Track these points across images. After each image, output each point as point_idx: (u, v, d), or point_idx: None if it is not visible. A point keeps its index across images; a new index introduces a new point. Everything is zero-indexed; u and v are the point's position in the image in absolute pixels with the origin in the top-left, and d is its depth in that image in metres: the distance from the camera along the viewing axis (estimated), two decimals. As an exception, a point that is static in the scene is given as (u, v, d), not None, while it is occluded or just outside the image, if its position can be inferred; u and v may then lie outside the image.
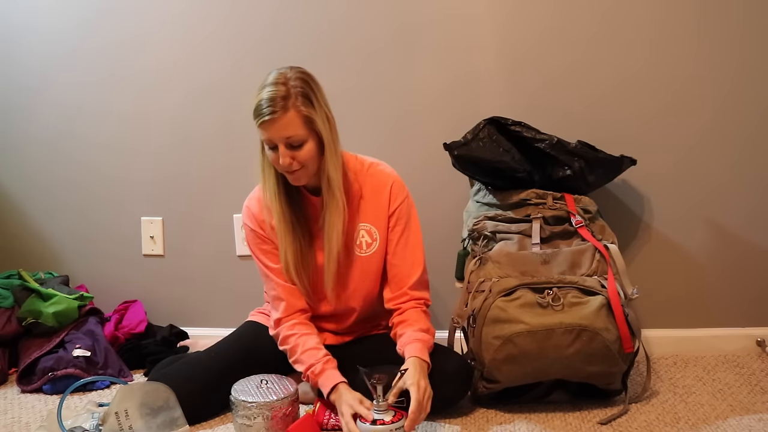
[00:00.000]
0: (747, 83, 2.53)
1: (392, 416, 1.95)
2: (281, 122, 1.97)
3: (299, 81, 2.00)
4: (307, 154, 2.02)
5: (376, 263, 2.20)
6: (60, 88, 2.77)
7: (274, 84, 1.98)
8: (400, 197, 2.19)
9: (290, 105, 1.97)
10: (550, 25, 2.57)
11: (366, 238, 2.19)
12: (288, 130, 1.98)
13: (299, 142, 2.01)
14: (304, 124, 2.00)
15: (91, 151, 2.79)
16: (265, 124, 1.97)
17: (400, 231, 2.19)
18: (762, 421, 2.06)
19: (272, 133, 1.99)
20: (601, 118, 2.57)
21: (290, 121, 1.98)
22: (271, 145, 2.02)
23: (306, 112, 1.99)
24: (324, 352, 2.12)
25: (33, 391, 2.41)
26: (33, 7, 2.75)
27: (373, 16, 2.62)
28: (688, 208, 2.59)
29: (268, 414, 2.00)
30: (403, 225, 2.20)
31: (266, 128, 1.98)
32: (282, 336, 2.15)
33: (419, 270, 2.20)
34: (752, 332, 2.59)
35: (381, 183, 2.18)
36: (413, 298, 2.19)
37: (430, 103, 2.63)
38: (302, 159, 2.02)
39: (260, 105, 1.98)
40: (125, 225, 2.80)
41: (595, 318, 2.08)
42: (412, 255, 2.20)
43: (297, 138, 2.00)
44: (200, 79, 2.70)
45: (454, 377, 2.12)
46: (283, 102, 1.97)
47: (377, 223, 2.19)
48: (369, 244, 2.19)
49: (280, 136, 1.99)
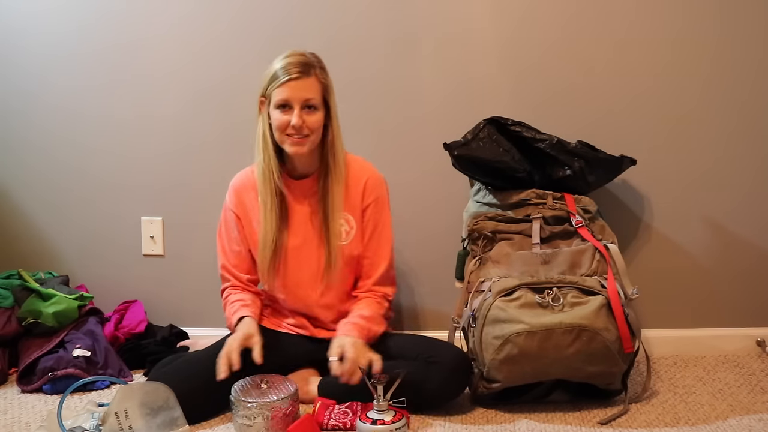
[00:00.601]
0: (747, 83, 2.54)
1: (392, 416, 1.96)
2: (305, 84, 2.13)
3: (316, 58, 2.20)
4: (317, 121, 2.16)
5: (353, 251, 2.26)
6: (60, 91, 2.77)
7: (297, 54, 2.16)
8: (374, 193, 2.26)
9: (312, 72, 2.15)
10: (551, 29, 2.57)
11: (345, 227, 2.25)
12: (309, 92, 2.14)
13: (314, 106, 2.15)
14: (321, 92, 2.16)
15: (92, 151, 2.79)
16: (290, 83, 2.12)
17: (373, 226, 2.26)
18: (762, 421, 2.06)
19: (294, 93, 2.12)
20: (601, 118, 2.57)
21: (312, 84, 2.14)
22: (285, 104, 2.14)
23: (325, 81, 2.17)
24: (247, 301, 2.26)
25: (33, 391, 2.40)
26: (33, 10, 2.75)
27: (375, 22, 2.62)
28: (688, 208, 2.59)
29: (268, 414, 2.00)
30: (375, 221, 2.27)
31: (290, 87, 2.12)
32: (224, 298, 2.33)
33: (385, 265, 2.28)
34: (752, 332, 2.59)
35: (358, 176, 2.26)
36: (371, 290, 2.27)
37: (431, 105, 2.63)
38: (311, 125, 2.15)
39: (284, 67, 2.13)
40: (125, 225, 2.80)
41: (595, 318, 2.08)
42: (380, 250, 2.28)
43: (313, 102, 2.15)
44: (201, 81, 2.70)
45: (453, 370, 2.13)
46: (307, 68, 2.14)
47: (353, 213, 2.26)
48: (347, 232, 2.26)
49: (300, 96, 2.13)
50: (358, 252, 2.27)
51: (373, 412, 1.97)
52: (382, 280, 2.29)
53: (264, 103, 2.19)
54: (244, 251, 2.32)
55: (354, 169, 2.26)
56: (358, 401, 2.12)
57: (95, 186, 2.80)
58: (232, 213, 2.31)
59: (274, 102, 2.15)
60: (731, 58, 2.53)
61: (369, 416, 1.97)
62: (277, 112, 2.15)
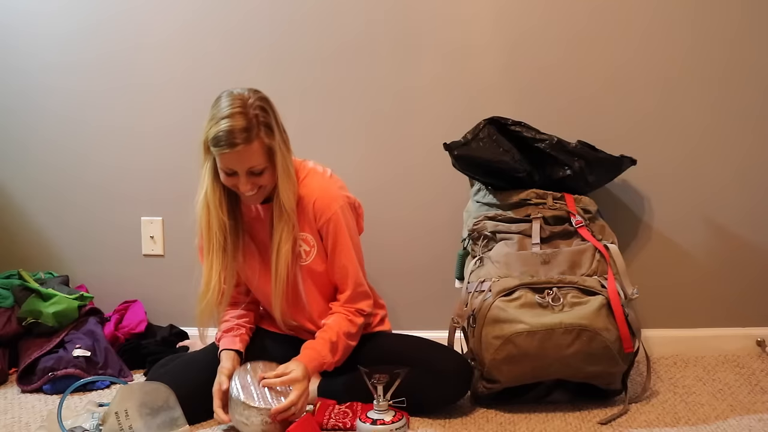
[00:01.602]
0: (747, 83, 2.54)
1: (392, 416, 1.96)
2: (245, 153, 1.98)
3: (259, 110, 2.00)
4: (267, 180, 2.05)
5: (318, 267, 2.18)
6: (60, 91, 2.77)
7: (235, 113, 1.97)
8: (325, 215, 2.13)
9: (254, 136, 1.98)
10: (551, 29, 2.57)
11: (304, 247, 2.17)
12: (251, 160, 1.99)
13: (261, 170, 2.02)
14: (265, 154, 2.01)
15: (92, 152, 2.79)
16: (228, 155, 1.97)
17: (332, 246, 2.16)
18: (762, 421, 2.06)
19: (235, 163, 1.99)
20: (601, 118, 2.57)
21: (254, 152, 1.99)
22: (230, 173, 2.02)
23: (268, 142, 2.01)
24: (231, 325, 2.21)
25: (33, 391, 2.40)
26: (34, 12, 2.75)
27: (374, 18, 2.62)
28: (688, 208, 2.59)
29: (267, 419, 1.98)
30: (333, 241, 2.15)
31: (231, 158, 1.98)
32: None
33: (352, 285, 2.17)
34: (752, 332, 2.59)
35: (309, 196, 2.14)
36: (344, 306, 2.18)
37: (430, 104, 2.63)
38: (263, 183, 2.05)
39: (221, 136, 1.96)
40: (125, 225, 2.80)
41: (595, 318, 2.08)
42: (343, 271, 2.17)
43: (259, 167, 2.01)
44: (201, 81, 2.70)
45: (453, 376, 2.12)
46: (247, 134, 1.97)
47: (311, 232, 2.16)
48: (308, 252, 2.17)
49: (243, 166, 2.00)
50: (322, 268, 2.18)
51: (373, 412, 1.97)
52: (353, 298, 2.19)
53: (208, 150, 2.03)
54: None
55: (307, 188, 2.14)
56: (358, 401, 2.12)
57: (95, 186, 2.80)
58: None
59: (219, 165, 2.02)
60: (737, 60, 2.53)
61: (369, 416, 1.97)
62: (224, 174, 2.03)
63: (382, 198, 2.62)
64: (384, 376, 1.97)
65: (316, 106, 2.66)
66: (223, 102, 2.00)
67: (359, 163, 2.64)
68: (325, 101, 2.66)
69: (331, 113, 2.66)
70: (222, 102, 2.01)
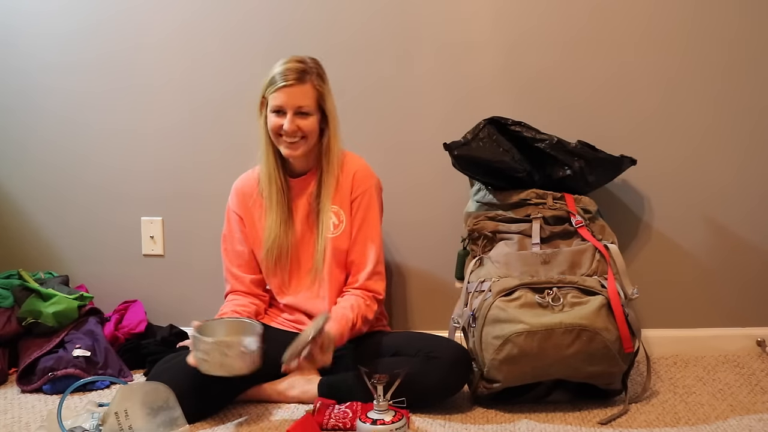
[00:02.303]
0: (747, 83, 2.54)
1: (392, 416, 1.96)
2: (299, 90, 2.18)
3: (315, 64, 2.25)
4: (311, 126, 2.21)
5: (342, 244, 2.28)
6: (61, 90, 2.77)
7: (295, 60, 2.21)
8: (362, 186, 2.29)
9: (308, 79, 2.20)
10: (551, 29, 2.57)
11: (334, 220, 2.28)
12: (303, 99, 2.19)
13: (308, 112, 2.20)
14: (316, 99, 2.21)
15: (92, 152, 2.79)
16: (285, 89, 2.18)
17: (360, 219, 2.29)
18: (762, 421, 2.06)
19: (288, 99, 2.18)
20: (601, 118, 2.57)
21: (306, 92, 2.19)
22: (280, 110, 2.20)
23: (320, 88, 2.22)
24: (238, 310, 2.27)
25: (33, 391, 2.40)
26: (34, 12, 2.75)
27: (374, 18, 2.62)
28: (688, 208, 2.59)
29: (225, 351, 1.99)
30: (363, 214, 2.29)
31: (284, 93, 2.18)
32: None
33: (373, 261, 2.28)
34: (752, 332, 2.59)
35: (348, 168, 2.30)
36: (361, 287, 2.27)
37: (430, 103, 2.63)
38: (306, 129, 2.20)
39: (281, 72, 2.19)
40: (125, 225, 2.80)
41: (595, 318, 2.08)
42: (367, 245, 2.29)
43: (307, 108, 2.20)
44: (202, 81, 2.71)
45: (453, 363, 2.13)
46: (302, 75, 2.19)
47: (342, 205, 2.29)
48: (336, 225, 2.29)
49: (294, 103, 2.18)
50: (346, 246, 2.29)
51: (373, 412, 1.97)
52: (371, 276, 2.28)
53: (264, 104, 2.25)
54: (247, 251, 2.35)
55: (346, 163, 2.30)
56: (358, 401, 2.12)
57: (95, 186, 2.80)
58: (234, 214, 2.36)
59: (270, 106, 2.22)
60: (738, 60, 2.53)
61: (369, 416, 1.97)
62: (273, 115, 2.22)
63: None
64: (384, 376, 1.97)
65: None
66: (282, 59, 2.24)
67: (359, 163, 2.64)
68: (325, 101, 2.66)
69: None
70: (281, 60, 2.24)
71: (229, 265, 2.37)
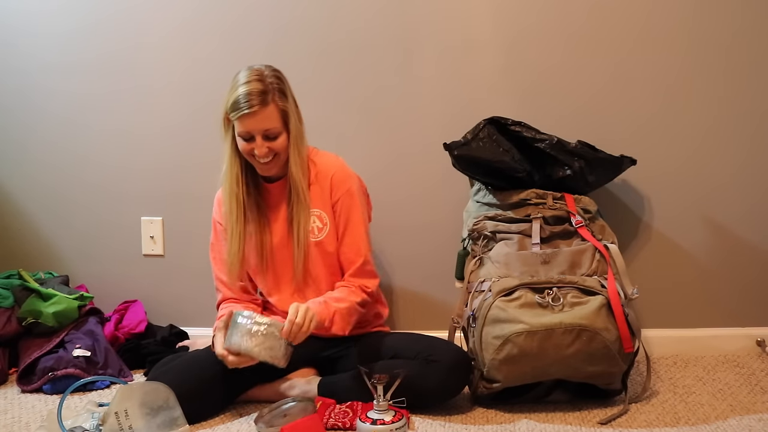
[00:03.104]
0: (747, 83, 2.54)
1: (392, 416, 1.96)
2: (261, 115, 2.12)
3: (274, 78, 2.16)
4: (281, 145, 2.17)
5: (329, 247, 2.27)
6: (61, 90, 2.77)
7: (252, 80, 2.13)
8: (341, 188, 2.26)
9: (269, 99, 2.13)
10: (551, 29, 2.57)
11: (317, 224, 2.26)
12: (267, 122, 2.13)
13: (276, 134, 2.15)
14: (280, 118, 2.15)
15: (92, 151, 2.79)
16: (246, 117, 2.11)
17: (344, 221, 2.27)
18: (762, 421, 2.06)
19: (252, 126, 2.13)
20: (600, 118, 2.57)
21: (269, 114, 2.13)
22: (247, 137, 2.15)
23: (282, 106, 2.15)
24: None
25: (33, 391, 2.41)
26: (35, 11, 2.75)
27: (374, 18, 2.62)
28: (688, 208, 2.59)
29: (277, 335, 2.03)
30: (346, 215, 2.27)
31: (246, 120, 2.12)
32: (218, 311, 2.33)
33: (360, 259, 2.27)
34: (752, 332, 2.59)
35: (325, 172, 2.27)
36: (348, 281, 2.27)
37: (430, 103, 2.63)
38: (277, 149, 2.16)
39: (240, 99, 2.11)
40: (125, 225, 2.80)
41: (595, 318, 2.08)
42: (354, 244, 2.27)
43: (274, 131, 2.15)
44: (201, 81, 2.70)
45: (452, 366, 2.13)
46: (263, 96, 2.12)
47: (324, 209, 2.27)
48: (320, 228, 2.27)
49: (260, 128, 2.13)
50: (333, 248, 2.27)
51: (373, 412, 1.97)
52: (359, 273, 2.27)
53: (229, 121, 2.19)
54: None
55: (322, 165, 2.27)
56: (358, 401, 2.12)
57: (95, 186, 2.80)
58: (219, 224, 2.33)
59: (237, 131, 2.16)
60: (738, 60, 2.53)
61: (369, 416, 1.97)
62: (241, 140, 2.17)
63: (381, 198, 2.61)
64: (384, 376, 1.97)
65: (314, 105, 2.64)
66: (241, 74, 2.16)
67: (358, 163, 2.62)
68: (324, 101, 2.66)
69: (330, 113, 2.66)
70: (240, 74, 2.16)
71: (218, 273, 2.34)
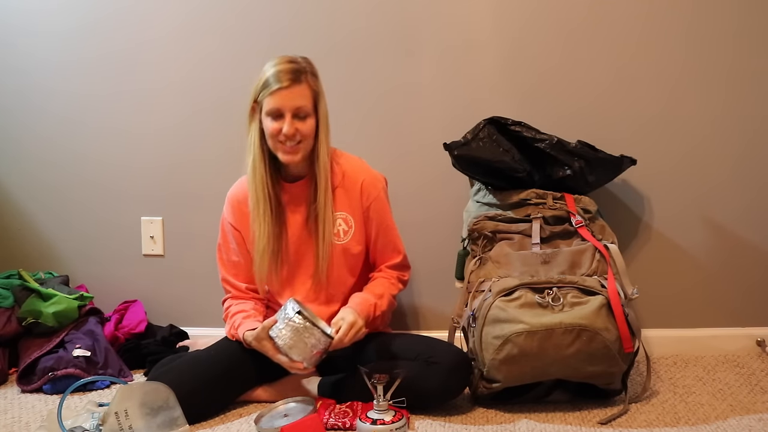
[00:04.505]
0: (747, 83, 2.54)
1: (392, 416, 1.96)
2: (296, 91, 2.12)
3: (307, 63, 2.19)
4: (309, 128, 2.15)
5: (354, 249, 2.28)
6: (60, 90, 2.77)
7: (287, 61, 2.15)
8: (372, 194, 2.27)
9: (304, 79, 2.14)
10: (550, 29, 2.57)
11: (343, 226, 2.26)
12: (300, 99, 2.13)
13: (306, 114, 2.14)
14: (312, 99, 2.15)
15: (92, 151, 2.79)
16: (280, 92, 2.11)
17: (377, 225, 2.28)
18: (762, 421, 2.06)
19: (285, 101, 2.11)
20: (601, 118, 2.57)
21: (303, 92, 2.13)
22: (276, 114, 2.13)
23: (315, 87, 2.16)
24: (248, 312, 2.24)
25: (33, 391, 2.40)
26: (32, 8, 2.75)
27: (374, 18, 2.62)
28: (687, 208, 2.59)
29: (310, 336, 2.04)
30: (380, 219, 2.29)
31: (280, 96, 2.11)
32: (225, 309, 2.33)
33: (400, 256, 2.34)
34: (752, 332, 2.59)
35: (354, 177, 2.27)
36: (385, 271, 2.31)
37: (430, 103, 2.63)
38: (303, 132, 2.14)
39: (275, 74, 2.12)
40: (125, 225, 2.80)
41: (595, 318, 2.08)
42: (391, 244, 2.31)
43: (305, 110, 2.14)
44: (201, 81, 2.71)
45: (453, 368, 2.13)
46: (298, 75, 2.13)
47: (352, 212, 2.27)
48: (345, 231, 2.27)
49: (292, 105, 2.12)
50: (360, 249, 2.28)
51: (373, 412, 1.97)
52: (400, 266, 2.35)
53: (255, 109, 2.19)
54: (243, 262, 2.32)
55: (350, 169, 2.27)
56: (358, 401, 2.12)
57: (95, 186, 2.80)
58: (230, 225, 2.31)
59: (266, 110, 2.15)
60: (733, 58, 2.53)
61: (369, 416, 1.97)
62: (269, 120, 2.15)
63: (382, 198, 2.63)
64: (384, 376, 1.97)
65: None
66: (270, 60, 2.17)
67: (359, 163, 2.64)
68: (325, 101, 2.66)
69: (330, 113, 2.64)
70: (269, 61, 2.17)
71: (225, 275, 2.34)
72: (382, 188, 2.30)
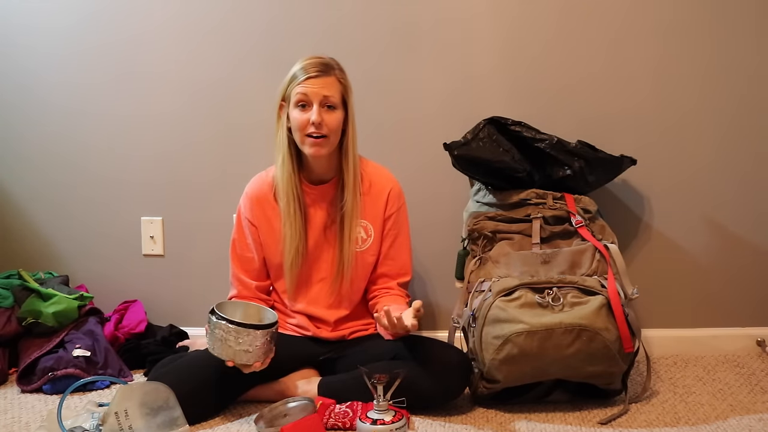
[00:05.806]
0: (747, 84, 2.54)
1: (392, 416, 1.96)
2: (324, 81, 2.15)
3: (335, 61, 2.22)
4: (336, 121, 2.16)
5: (369, 258, 2.28)
6: (59, 89, 2.77)
7: (317, 56, 2.19)
8: (396, 204, 2.28)
9: (332, 72, 2.17)
10: (550, 29, 2.57)
11: (362, 234, 2.27)
12: (328, 89, 2.15)
13: (333, 105, 2.16)
14: (341, 91, 2.18)
15: (92, 151, 2.79)
16: (309, 80, 2.14)
17: (394, 236, 2.29)
18: (762, 421, 2.06)
19: (313, 89, 2.14)
20: (601, 118, 2.57)
21: (331, 83, 2.16)
22: (304, 103, 2.15)
23: (344, 82, 2.19)
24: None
25: (33, 391, 2.40)
26: (32, 7, 2.75)
27: (373, 18, 2.62)
28: (688, 208, 2.59)
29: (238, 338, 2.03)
30: (397, 231, 2.29)
31: (309, 84, 2.14)
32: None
33: (408, 277, 2.34)
34: (752, 332, 2.59)
35: (380, 185, 2.27)
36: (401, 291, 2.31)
37: (431, 104, 2.63)
38: (330, 124, 2.15)
39: (302, 68, 2.16)
40: (125, 225, 2.80)
41: (595, 318, 2.08)
42: (400, 258, 2.31)
43: (332, 100, 2.16)
44: (200, 79, 2.70)
45: (453, 369, 2.13)
46: (327, 67, 2.17)
47: (373, 222, 2.27)
48: (364, 240, 2.28)
49: (320, 93, 2.14)
50: (373, 259, 2.29)
51: (373, 412, 1.97)
52: (406, 286, 2.35)
53: (283, 107, 2.20)
54: (257, 258, 2.32)
55: (377, 177, 2.28)
56: (358, 401, 2.12)
57: (95, 186, 2.80)
58: (247, 221, 2.31)
59: (294, 101, 2.16)
60: (729, 57, 2.53)
61: (369, 416, 1.97)
62: (297, 110, 2.16)
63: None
64: (384, 376, 1.97)
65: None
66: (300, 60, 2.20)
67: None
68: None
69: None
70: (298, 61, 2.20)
71: (236, 271, 2.33)
72: (404, 201, 2.32)
